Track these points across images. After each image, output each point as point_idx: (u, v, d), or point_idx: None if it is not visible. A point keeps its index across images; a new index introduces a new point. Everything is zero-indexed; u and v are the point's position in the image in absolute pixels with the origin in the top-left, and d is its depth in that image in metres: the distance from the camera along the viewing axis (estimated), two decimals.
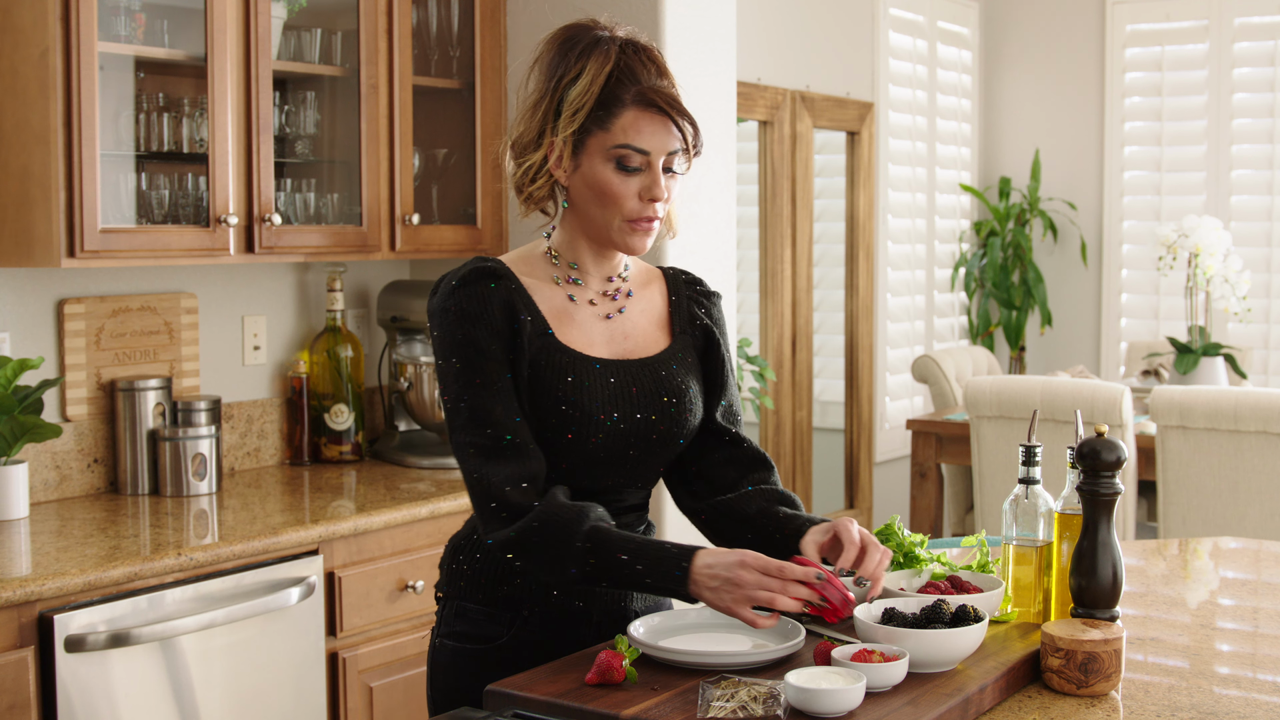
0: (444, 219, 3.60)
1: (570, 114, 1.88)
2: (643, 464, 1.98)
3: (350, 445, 3.56)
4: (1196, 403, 4.29)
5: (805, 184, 5.55)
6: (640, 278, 2.06)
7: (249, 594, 2.70)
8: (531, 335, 1.89)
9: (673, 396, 1.96)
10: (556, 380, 1.89)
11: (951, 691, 1.71)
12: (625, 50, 1.89)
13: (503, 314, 1.88)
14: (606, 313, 1.99)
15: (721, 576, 1.76)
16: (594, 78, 1.87)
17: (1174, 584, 2.53)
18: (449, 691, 1.97)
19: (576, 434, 1.89)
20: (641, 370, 1.96)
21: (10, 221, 2.85)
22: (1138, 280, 6.46)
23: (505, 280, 1.91)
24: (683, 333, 2.04)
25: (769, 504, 2.01)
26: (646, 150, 1.88)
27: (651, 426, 1.94)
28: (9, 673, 2.36)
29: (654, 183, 1.89)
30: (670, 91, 1.89)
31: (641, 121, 1.87)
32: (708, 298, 2.10)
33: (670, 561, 1.80)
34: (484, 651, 1.94)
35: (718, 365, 2.06)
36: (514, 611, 1.94)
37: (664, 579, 1.79)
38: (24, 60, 2.80)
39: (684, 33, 3.60)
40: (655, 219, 1.92)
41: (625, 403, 1.92)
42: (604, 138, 1.88)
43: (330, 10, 3.37)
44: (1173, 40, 6.33)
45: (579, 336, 1.94)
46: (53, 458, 3.09)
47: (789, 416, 5.51)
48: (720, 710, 1.62)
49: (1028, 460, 2.01)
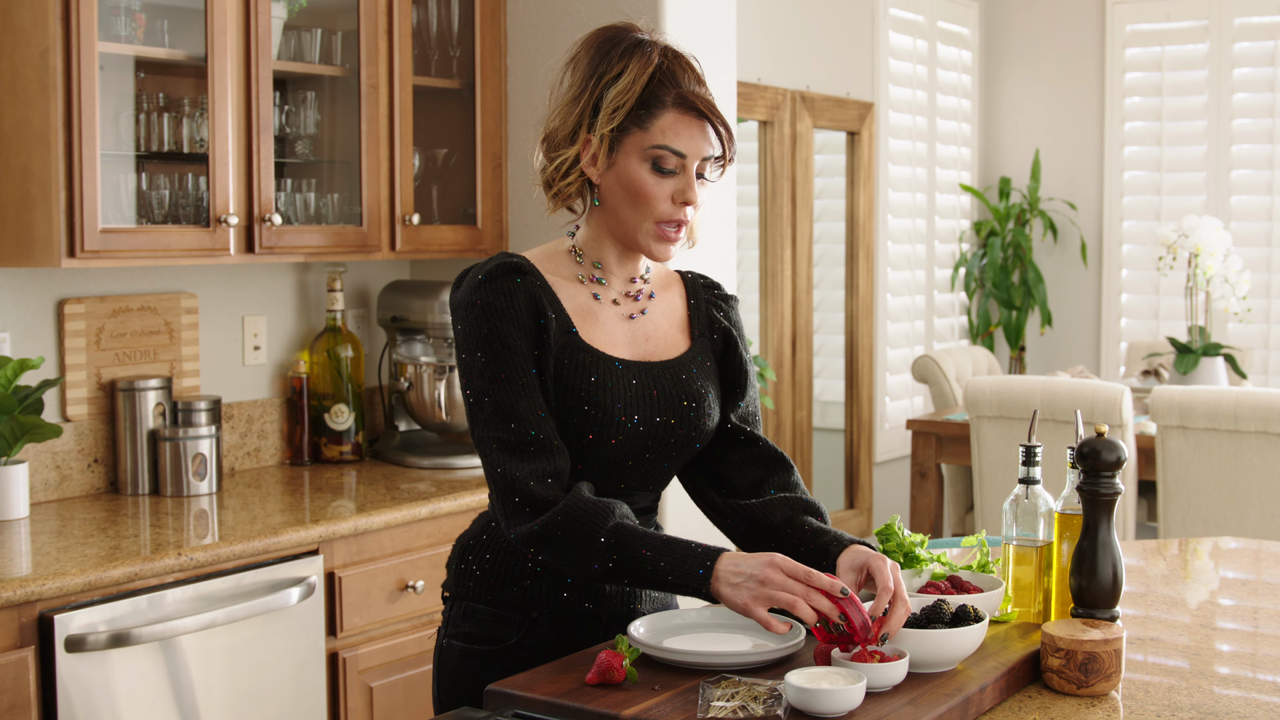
0: (444, 219, 3.60)
1: (610, 111, 1.89)
2: (657, 467, 1.98)
3: (350, 445, 3.56)
4: (1196, 403, 4.29)
5: (805, 184, 5.55)
6: (660, 280, 2.07)
7: (249, 594, 2.70)
8: (556, 333, 1.90)
9: (692, 401, 1.97)
10: (580, 379, 1.89)
11: (952, 691, 1.71)
12: (666, 54, 1.91)
13: (528, 310, 1.89)
14: (629, 313, 1.99)
15: (746, 573, 1.76)
16: (636, 77, 1.88)
17: (1174, 584, 2.53)
18: (456, 692, 1.97)
19: (597, 434, 1.90)
20: (663, 373, 1.96)
21: (10, 221, 2.85)
22: (1138, 280, 6.46)
23: (531, 276, 1.91)
24: (701, 336, 2.05)
25: (794, 513, 2.00)
26: (683, 153, 1.89)
27: (670, 430, 1.95)
28: (9, 673, 2.36)
29: (688, 186, 1.90)
30: (709, 98, 1.91)
31: (680, 124, 1.89)
32: (725, 301, 2.11)
33: (695, 559, 1.80)
34: (492, 652, 1.94)
35: (737, 367, 2.06)
36: (523, 613, 1.94)
37: (687, 577, 1.79)
38: (24, 60, 2.80)
39: (684, 33, 3.60)
40: (684, 223, 1.93)
41: (646, 405, 1.93)
42: (642, 137, 1.89)
43: (330, 10, 3.37)
44: (1173, 40, 6.34)
45: (602, 336, 1.95)
46: (53, 458, 3.09)
47: (789, 416, 5.51)
48: (721, 710, 1.62)
49: (1028, 460, 2.01)
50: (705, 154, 1.91)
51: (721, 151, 1.92)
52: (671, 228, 1.92)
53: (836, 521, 5.81)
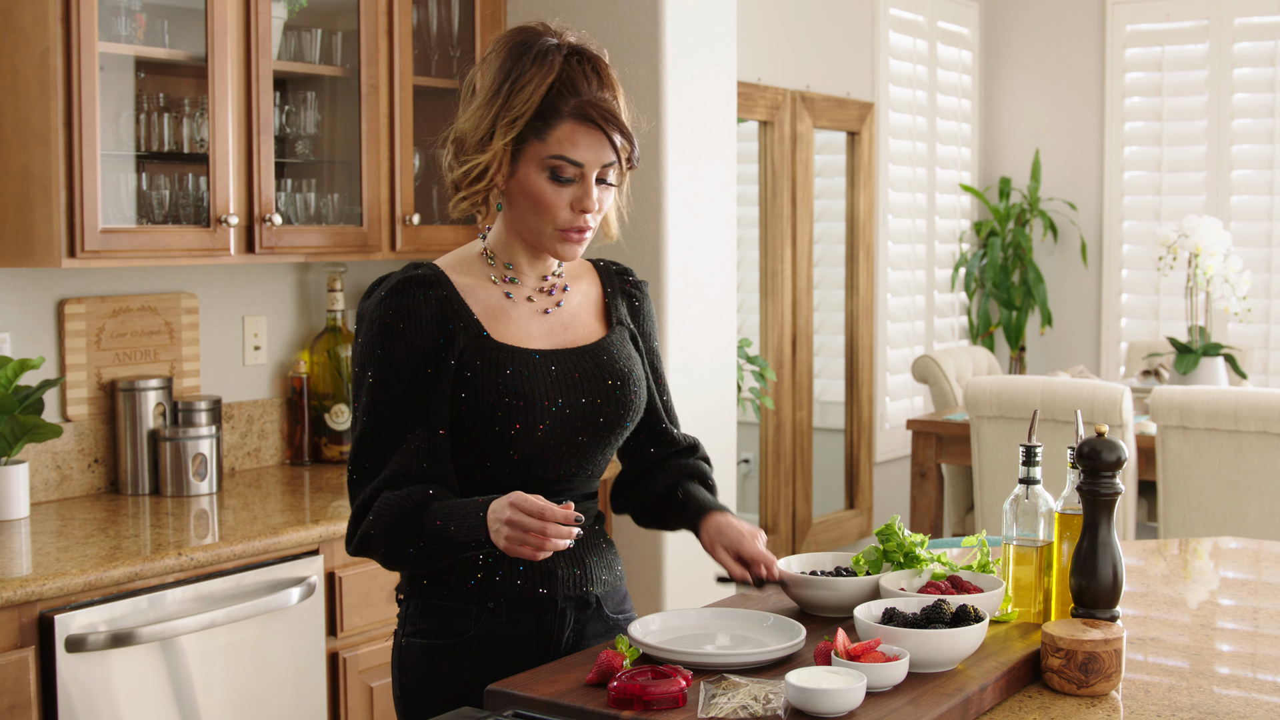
0: (444, 219, 3.60)
1: (509, 121, 1.90)
2: (593, 450, 2.00)
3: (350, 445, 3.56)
4: (1196, 403, 4.29)
5: (805, 184, 5.55)
6: (573, 270, 2.09)
7: (249, 594, 2.71)
8: (465, 341, 1.92)
9: (616, 380, 2.00)
10: (495, 375, 1.91)
11: (952, 691, 1.71)
12: (570, 60, 1.92)
13: (433, 323, 1.91)
14: (544, 307, 2.02)
15: (499, 518, 1.79)
16: (535, 88, 1.89)
17: (1174, 584, 2.53)
18: (416, 687, 1.97)
19: (524, 423, 1.91)
20: (582, 357, 1.99)
21: (11, 221, 2.85)
22: (1138, 280, 6.46)
23: (438, 288, 1.94)
24: (620, 323, 2.08)
25: (674, 481, 2.11)
26: (580, 163, 1.91)
27: (598, 410, 1.97)
28: (10, 673, 2.36)
29: (585, 194, 1.92)
30: (607, 105, 1.91)
31: (578, 134, 1.90)
32: (637, 288, 2.14)
33: (473, 514, 1.83)
34: (452, 645, 1.95)
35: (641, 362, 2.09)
36: (479, 604, 1.95)
37: (473, 532, 1.82)
38: (24, 60, 2.80)
39: (684, 33, 3.60)
40: (586, 229, 1.95)
41: (569, 388, 1.95)
42: (540, 147, 1.91)
43: (330, 10, 3.38)
44: (1173, 40, 6.33)
45: (517, 332, 1.97)
46: (53, 458, 3.09)
47: (789, 416, 5.51)
48: (721, 710, 1.62)
49: (1028, 460, 2.01)
50: (604, 161, 1.92)
51: (619, 159, 1.93)
52: (574, 232, 1.94)
53: (837, 521, 5.82)
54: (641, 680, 1.66)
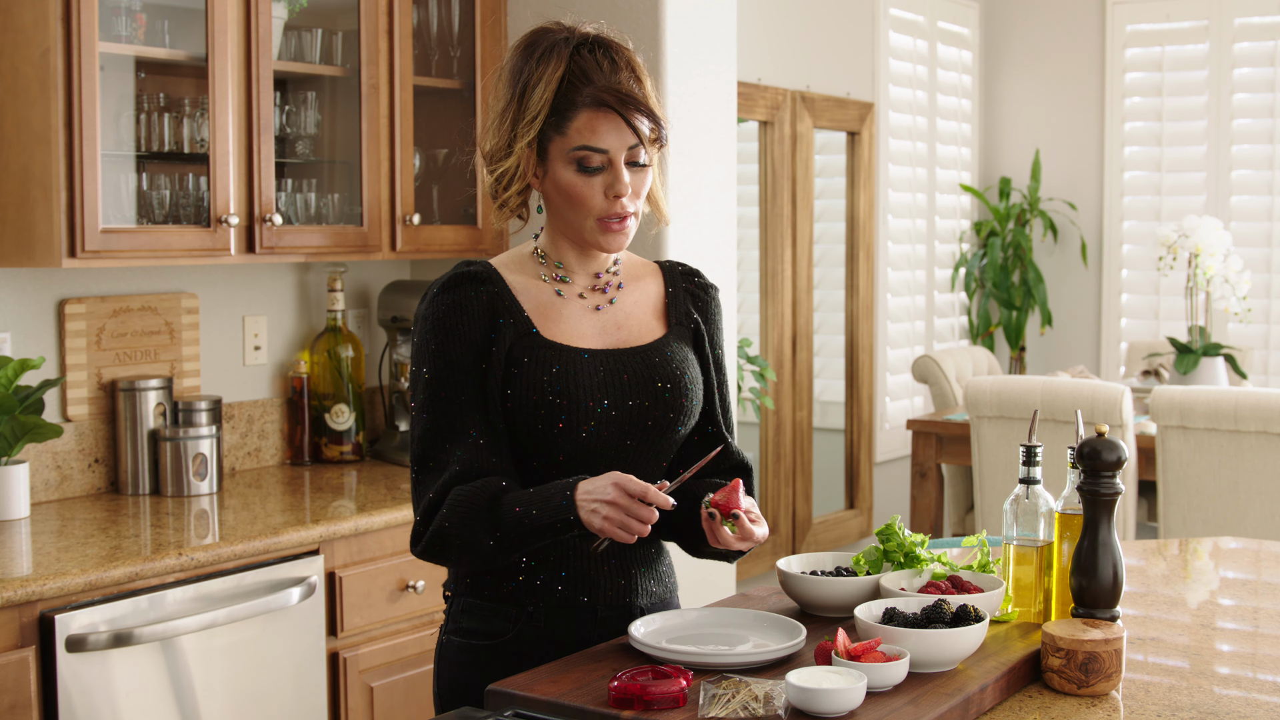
0: (444, 219, 3.60)
1: (528, 122, 1.90)
2: (642, 455, 1.96)
3: (351, 445, 3.56)
4: (1196, 403, 4.29)
5: (805, 184, 5.55)
6: (633, 270, 2.06)
7: (250, 594, 2.71)
8: (514, 337, 1.91)
9: (666, 382, 1.96)
10: (542, 372, 1.90)
11: (952, 691, 1.71)
12: (579, 51, 1.90)
13: (483, 318, 1.90)
14: (597, 305, 1.99)
15: (597, 498, 1.78)
16: (546, 83, 1.89)
17: (1174, 584, 2.54)
18: (456, 688, 1.97)
19: (568, 422, 1.90)
20: (633, 358, 1.96)
21: (11, 221, 2.85)
22: (1138, 280, 6.46)
23: (488, 284, 1.93)
24: (679, 324, 2.04)
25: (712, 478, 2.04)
26: (604, 149, 1.89)
27: (646, 413, 1.94)
28: (10, 673, 2.36)
29: (616, 179, 1.90)
30: (622, 88, 1.89)
31: (596, 121, 1.89)
32: (705, 290, 2.09)
33: (558, 494, 1.82)
34: (489, 647, 1.95)
35: (704, 364, 2.05)
36: (519, 607, 1.94)
37: (556, 514, 1.81)
38: (25, 60, 2.80)
39: (684, 33, 3.60)
40: (626, 215, 1.93)
41: (616, 389, 1.92)
42: (562, 142, 1.90)
43: (331, 10, 3.38)
44: (1173, 40, 6.33)
45: (567, 330, 1.95)
46: (53, 458, 3.09)
47: (789, 416, 5.51)
48: (721, 710, 1.62)
49: (1028, 460, 2.01)
50: (629, 144, 1.90)
51: (641, 139, 1.90)
52: (614, 220, 1.92)
53: (837, 521, 5.82)
54: (642, 680, 1.66)
